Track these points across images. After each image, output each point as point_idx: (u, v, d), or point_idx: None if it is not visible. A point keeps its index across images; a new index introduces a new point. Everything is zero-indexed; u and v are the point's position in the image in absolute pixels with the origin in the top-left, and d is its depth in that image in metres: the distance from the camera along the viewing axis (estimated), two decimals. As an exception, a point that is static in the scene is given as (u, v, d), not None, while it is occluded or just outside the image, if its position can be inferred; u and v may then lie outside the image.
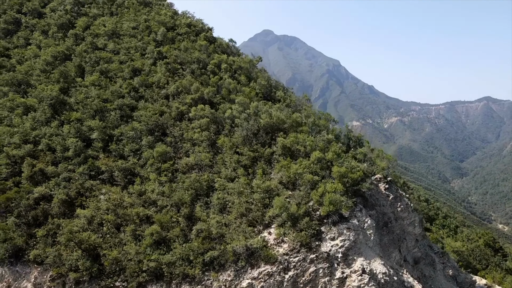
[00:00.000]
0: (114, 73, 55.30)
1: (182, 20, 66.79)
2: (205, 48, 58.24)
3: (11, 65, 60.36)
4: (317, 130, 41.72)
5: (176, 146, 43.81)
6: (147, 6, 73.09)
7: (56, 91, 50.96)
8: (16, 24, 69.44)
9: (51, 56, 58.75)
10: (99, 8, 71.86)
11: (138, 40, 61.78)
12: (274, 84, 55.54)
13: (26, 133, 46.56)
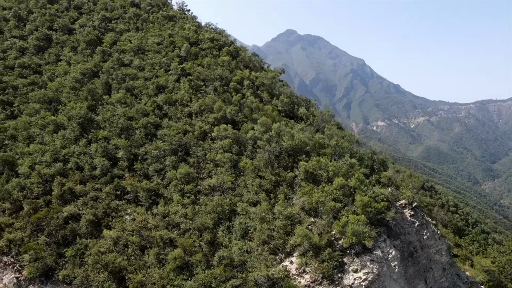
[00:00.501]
0: (139, 90, 56.51)
1: (206, 34, 67.46)
2: (228, 64, 58.62)
3: (43, 82, 62.88)
4: (340, 152, 41.12)
5: (199, 166, 44.31)
6: (172, 20, 74.28)
7: (84, 109, 52.65)
8: (48, 40, 72.21)
9: (80, 73, 60.75)
10: (125, 23, 73.68)
11: (162, 56, 62.91)
12: (296, 100, 55.18)
13: (57, 152, 48.38)
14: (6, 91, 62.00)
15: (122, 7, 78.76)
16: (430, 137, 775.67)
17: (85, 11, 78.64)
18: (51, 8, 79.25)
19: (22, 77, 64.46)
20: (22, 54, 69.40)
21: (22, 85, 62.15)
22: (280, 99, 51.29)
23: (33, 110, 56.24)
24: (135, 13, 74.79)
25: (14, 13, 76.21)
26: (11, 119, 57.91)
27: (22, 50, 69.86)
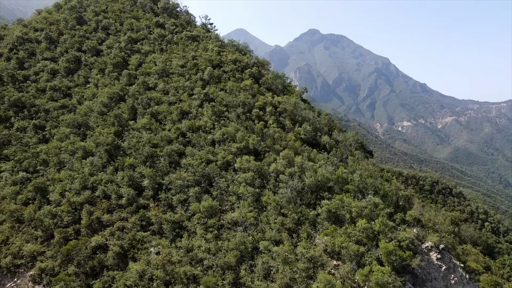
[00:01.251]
0: (163, 115, 57.62)
1: (228, 55, 67.95)
2: (250, 87, 58.84)
3: (72, 105, 65.16)
4: (364, 187, 40.53)
5: (221, 197, 44.76)
6: (195, 40, 75.23)
7: (111, 136, 54.20)
8: (77, 62, 74.70)
9: (107, 97, 62.52)
10: (150, 44, 75.19)
11: (186, 79, 63.87)
12: (319, 125, 54.74)
13: (85, 179, 50.07)
14: (39, 114, 64.75)
15: (147, 27, 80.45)
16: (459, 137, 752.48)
17: (112, 32, 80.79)
18: (80, 29, 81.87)
19: (53, 100, 67.10)
20: (53, 76, 72.15)
21: (53, 109, 64.74)
22: (303, 127, 51.03)
23: (63, 135, 58.47)
24: (160, 34, 76.13)
25: (46, 35, 79.18)
26: (43, 142, 60.49)
27: (53, 72, 72.60)
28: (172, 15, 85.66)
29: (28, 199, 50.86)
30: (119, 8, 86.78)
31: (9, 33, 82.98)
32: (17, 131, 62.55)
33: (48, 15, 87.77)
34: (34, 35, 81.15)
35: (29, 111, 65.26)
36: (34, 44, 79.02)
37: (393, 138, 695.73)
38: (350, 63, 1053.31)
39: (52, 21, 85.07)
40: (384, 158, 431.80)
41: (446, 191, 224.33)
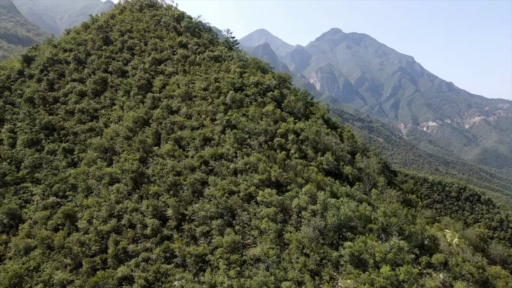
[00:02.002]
0: (186, 141, 58.55)
1: (250, 78, 68.27)
2: (272, 113, 58.95)
3: (99, 128, 67.14)
4: (388, 225, 39.92)
5: (244, 231, 45.11)
6: (217, 61, 75.94)
7: (136, 163, 55.56)
8: (103, 83, 76.87)
9: (132, 122, 64.08)
10: (173, 65, 76.45)
11: (208, 103, 64.64)
12: (341, 155, 54.25)
13: (112, 207, 51.58)
14: (68, 137, 67.11)
15: (170, 47, 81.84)
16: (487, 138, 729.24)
17: (137, 52, 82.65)
18: (106, 49, 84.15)
19: (81, 122, 69.37)
20: (81, 98, 74.53)
21: (81, 132, 66.96)
22: (325, 157, 50.73)
23: (91, 160, 60.39)
24: (183, 55, 77.32)
25: (74, 56, 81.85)
26: (72, 166, 62.67)
27: (81, 94, 74.98)
28: (195, 34, 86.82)
29: (58, 224, 52.93)
30: (144, 27, 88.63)
31: (40, 54, 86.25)
32: (48, 154, 65.12)
33: (77, 35, 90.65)
34: (63, 56, 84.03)
35: (59, 134, 67.75)
36: (63, 65, 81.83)
37: (417, 139, 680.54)
38: (373, 62, 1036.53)
39: (80, 41, 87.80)
40: (408, 160, 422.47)
41: (474, 198, 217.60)
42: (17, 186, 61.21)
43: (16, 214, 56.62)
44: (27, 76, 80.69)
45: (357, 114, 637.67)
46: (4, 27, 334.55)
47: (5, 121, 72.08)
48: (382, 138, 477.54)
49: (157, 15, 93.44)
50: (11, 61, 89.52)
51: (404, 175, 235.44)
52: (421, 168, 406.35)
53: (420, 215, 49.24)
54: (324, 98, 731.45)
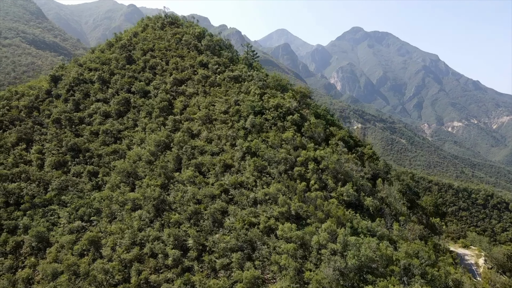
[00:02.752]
0: (207, 167, 59.23)
1: (271, 100, 68.34)
2: (292, 139, 58.88)
3: (122, 151, 68.78)
4: (409, 263, 39.22)
5: (263, 265, 45.34)
6: (237, 81, 76.37)
7: (158, 190, 56.67)
8: (126, 104, 78.63)
9: (154, 145, 65.34)
10: (194, 86, 77.40)
11: (228, 127, 65.17)
12: (362, 184, 53.62)
13: (135, 234, 52.82)
14: (92, 160, 69.09)
15: (191, 66, 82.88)
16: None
17: (159, 72, 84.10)
18: (129, 69, 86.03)
19: (105, 144, 71.23)
20: (105, 119, 76.53)
21: (105, 154, 68.80)
22: (346, 189, 50.31)
23: (114, 184, 61.98)
24: (203, 75, 78.15)
25: (99, 76, 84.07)
26: (96, 189, 64.52)
27: (105, 115, 76.98)
28: (215, 52, 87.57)
29: (83, 250, 54.65)
30: (165, 46, 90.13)
31: (66, 73, 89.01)
32: (74, 176, 67.26)
33: (101, 54, 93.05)
34: (88, 75, 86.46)
35: (84, 155, 69.83)
36: (88, 85, 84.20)
37: (442, 139, 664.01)
38: (396, 61, 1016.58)
39: (104, 60, 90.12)
40: (432, 162, 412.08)
41: (502, 205, 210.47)
42: (45, 208, 63.53)
43: (44, 236, 58.76)
44: (55, 96, 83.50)
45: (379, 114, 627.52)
46: (32, 33, 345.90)
47: (34, 142, 74.82)
48: (405, 139, 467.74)
49: (178, 33, 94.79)
50: (39, 80, 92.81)
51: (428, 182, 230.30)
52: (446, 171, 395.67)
53: (445, 253, 48.09)
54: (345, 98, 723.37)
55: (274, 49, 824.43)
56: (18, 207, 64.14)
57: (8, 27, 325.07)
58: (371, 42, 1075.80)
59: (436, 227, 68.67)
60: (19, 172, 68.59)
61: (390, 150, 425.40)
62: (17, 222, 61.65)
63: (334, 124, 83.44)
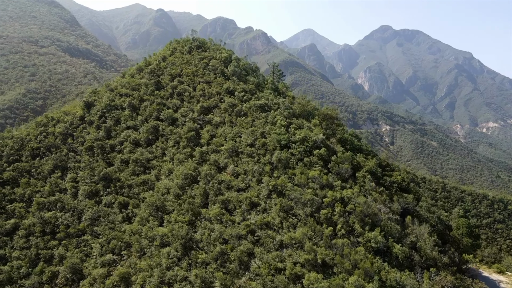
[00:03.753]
0: (233, 205, 59.80)
1: (297, 133, 68.05)
2: (319, 178, 58.49)
3: (151, 182, 70.59)
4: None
5: (289, 315, 45.36)
6: (263, 110, 76.54)
7: (185, 227, 57.78)
8: (155, 131, 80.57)
9: (181, 178, 66.62)
10: (221, 115, 78.23)
11: (255, 161, 65.48)
12: (391, 228, 52.51)
13: (163, 273, 54.11)
14: (123, 190, 71.33)
15: (218, 93, 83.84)
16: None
17: (186, 98, 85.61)
18: (158, 95, 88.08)
19: (134, 174, 73.36)
20: (135, 147, 78.78)
21: (135, 185, 70.86)
22: (373, 235, 49.46)
23: (144, 217, 63.71)
24: (230, 104, 78.84)
25: (129, 102, 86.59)
26: (126, 221, 66.63)
27: (135, 143, 79.23)
28: (241, 78, 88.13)
29: (114, 285, 56.59)
30: (192, 71, 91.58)
31: (98, 99, 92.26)
32: (105, 206, 69.70)
33: (131, 78, 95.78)
34: (119, 101, 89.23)
35: (115, 185, 72.20)
36: (119, 111, 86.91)
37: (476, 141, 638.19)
38: (426, 59, 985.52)
39: (134, 85, 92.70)
40: (465, 166, 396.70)
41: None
42: (79, 238, 66.29)
43: (78, 268, 61.30)
44: (88, 123, 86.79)
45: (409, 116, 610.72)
46: (67, 41, 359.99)
47: (69, 169, 78.13)
48: (436, 142, 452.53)
49: (205, 57, 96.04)
50: (74, 105, 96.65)
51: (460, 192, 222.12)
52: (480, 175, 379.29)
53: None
54: (373, 99, 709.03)
55: (301, 49, 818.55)
56: (54, 236, 67.40)
57: (44, 36, 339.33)
58: (401, 40, 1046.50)
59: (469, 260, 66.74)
60: (55, 201, 71.91)
61: (420, 154, 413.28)
62: (53, 251, 64.82)
63: (361, 150, 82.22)
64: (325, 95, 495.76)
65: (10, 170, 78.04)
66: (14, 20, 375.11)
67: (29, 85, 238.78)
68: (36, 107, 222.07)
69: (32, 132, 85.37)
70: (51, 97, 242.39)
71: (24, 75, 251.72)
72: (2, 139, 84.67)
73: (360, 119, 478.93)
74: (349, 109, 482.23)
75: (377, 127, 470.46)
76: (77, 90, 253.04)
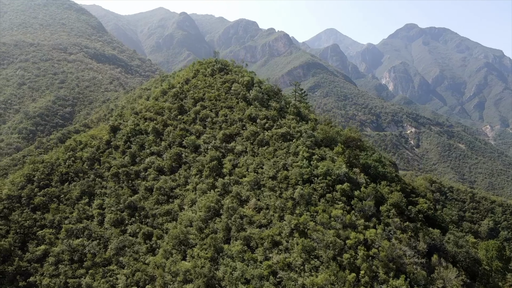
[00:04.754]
0: (255, 242, 59.89)
1: (320, 166, 67.43)
2: (342, 217, 57.83)
3: (175, 212, 71.68)
4: None
5: None
6: (286, 140, 76.21)
7: (208, 266, 58.34)
8: (178, 158, 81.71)
9: (204, 211, 67.28)
10: (243, 143, 78.45)
11: (276, 195, 65.34)
12: (416, 277, 51.20)
13: (186, 312, 54.96)
14: (147, 220, 72.77)
15: (240, 120, 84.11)
16: None
17: (209, 124, 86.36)
18: (181, 120, 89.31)
19: (158, 203, 74.65)
20: (158, 174, 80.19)
21: (159, 214, 72.14)
22: (398, 283, 48.42)
23: (167, 250, 64.72)
24: (252, 133, 78.94)
25: (153, 128, 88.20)
26: (151, 252, 67.94)
27: (159, 169, 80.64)
28: (263, 104, 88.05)
29: (139, 321, 57.99)
30: (215, 96, 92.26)
31: (124, 122, 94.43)
32: (130, 235, 71.28)
33: (155, 102, 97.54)
34: (143, 125, 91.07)
35: (139, 214, 73.76)
36: (143, 136, 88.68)
37: (507, 143, 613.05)
38: (454, 58, 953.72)
39: (158, 109, 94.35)
40: (496, 170, 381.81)
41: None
42: (105, 268, 68.11)
43: (105, 299, 63.14)
44: (114, 147, 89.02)
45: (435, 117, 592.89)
46: (94, 47, 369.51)
47: (95, 196, 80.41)
48: (464, 144, 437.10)
49: (227, 80, 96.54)
50: (100, 129, 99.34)
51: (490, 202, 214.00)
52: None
53: None
54: (398, 99, 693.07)
55: (323, 50, 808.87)
56: (81, 264, 69.52)
57: (72, 43, 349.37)
58: (427, 39, 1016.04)
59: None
60: (82, 228, 74.17)
61: (447, 157, 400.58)
62: (80, 280, 66.80)
63: (385, 176, 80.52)
64: (348, 97, 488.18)
65: (40, 195, 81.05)
66: (45, 27, 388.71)
67: (59, 92, 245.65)
68: (65, 114, 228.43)
69: (61, 157, 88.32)
70: (79, 103, 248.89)
71: (54, 82, 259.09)
72: (34, 164, 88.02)
73: (384, 121, 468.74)
74: (373, 111, 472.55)
75: (402, 129, 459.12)
76: (103, 97, 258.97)
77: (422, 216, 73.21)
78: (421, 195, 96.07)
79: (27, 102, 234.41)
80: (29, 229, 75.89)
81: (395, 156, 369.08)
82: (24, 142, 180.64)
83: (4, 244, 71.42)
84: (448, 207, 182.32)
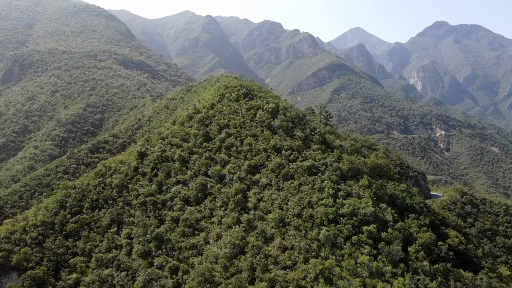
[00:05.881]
0: (280, 286, 59.81)
1: (346, 204, 66.57)
2: (368, 263, 56.83)
3: (200, 246, 72.61)
4: None
5: None
6: (311, 174, 75.59)
7: (233, 308, 58.85)
8: (204, 189, 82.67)
9: (229, 248, 67.79)
10: (267, 176, 78.45)
11: (301, 235, 64.96)
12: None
13: None
14: (173, 253, 74.08)
15: (264, 150, 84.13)
16: None
17: (234, 154, 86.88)
18: (206, 147, 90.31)
19: (184, 235, 75.82)
20: (184, 204, 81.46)
21: (184, 248, 73.28)
22: None
23: (193, 287, 65.69)
24: (277, 165, 78.78)
25: (179, 155, 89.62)
26: (177, 287, 69.16)
27: (185, 199, 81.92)
28: (288, 133, 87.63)
29: None
30: (240, 123, 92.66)
31: (151, 148, 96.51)
32: (157, 268, 72.80)
33: (181, 127, 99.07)
34: (170, 152, 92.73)
35: (166, 247, 75.18)
36: (170, 164, 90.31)
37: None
38: (487, 56, 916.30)
39: (183, 134, 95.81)
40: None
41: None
42: (133, 301, 69.99)
43: (133, 335, 64.90)
44: (141, 174, 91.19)
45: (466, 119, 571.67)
46: (122, 53, 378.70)
47: (124, 224, 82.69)
48: (498, 148, 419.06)
49: (252, 107, 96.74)
50: (128, 153, 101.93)
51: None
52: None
53: None
54: (426, 100, 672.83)
55: (348, 50, 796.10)
56: (110, 295, 71.74)
57: (102, 50, 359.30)
58: (457, 36, 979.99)
59: None
60: (111, 258, 76.40)
61: (479, 161, 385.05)
62: (110, 313, 69.05)
63: (413, 209, 78.47)
64: (374, 99, 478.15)
65: (72, 221, 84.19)
66: (76, 34, 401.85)
67: (89, 99, 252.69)
68: (95, 121, 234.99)
69: (91, 183, 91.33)
70: (108, 110, 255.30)
71: (84, 89, 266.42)
72: (66, 189, 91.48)
73: (412, 124, 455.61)
74: (400, 113, 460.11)
75: (431, 132, 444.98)
76: (131, 104, 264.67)
77: (453, 253, 71.03)
78: (451, 225, 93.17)
79: (59, 109, 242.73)
80: (61, 256, 78.98)
81: (423, 160, 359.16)
82: (57, 149, 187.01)
83: (39, 272, 74.62)
84: (480, 221, 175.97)
